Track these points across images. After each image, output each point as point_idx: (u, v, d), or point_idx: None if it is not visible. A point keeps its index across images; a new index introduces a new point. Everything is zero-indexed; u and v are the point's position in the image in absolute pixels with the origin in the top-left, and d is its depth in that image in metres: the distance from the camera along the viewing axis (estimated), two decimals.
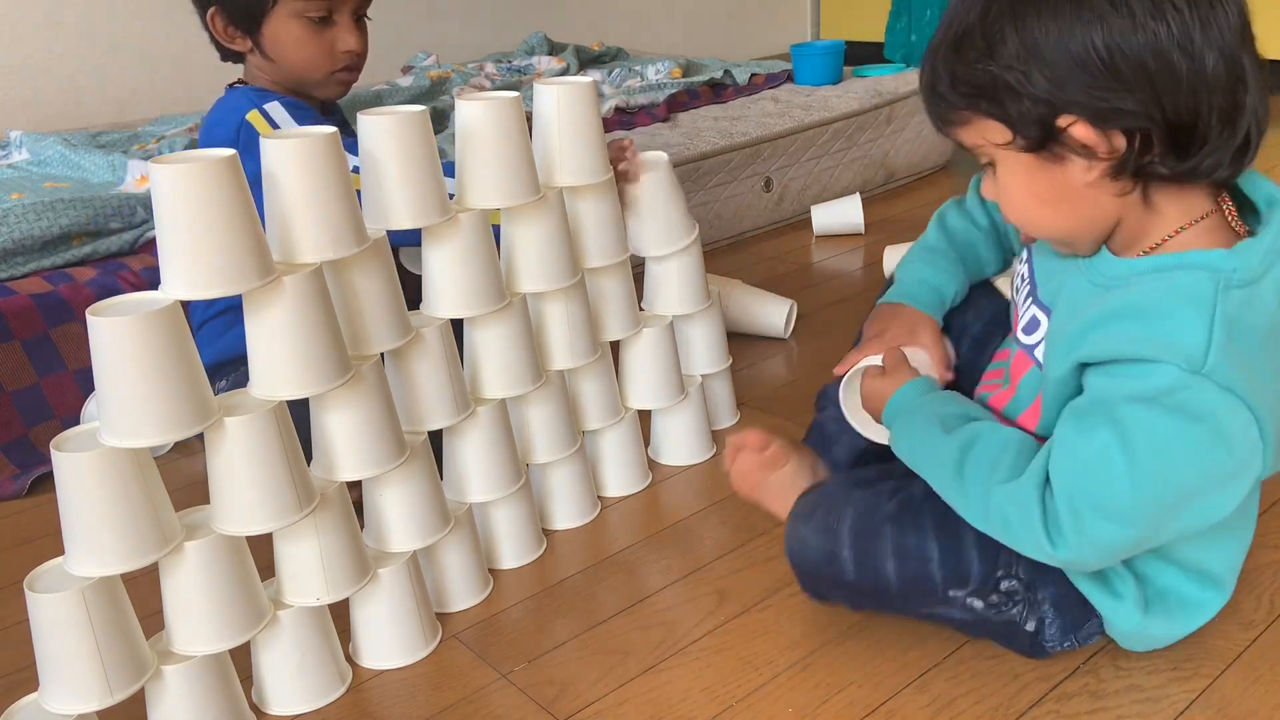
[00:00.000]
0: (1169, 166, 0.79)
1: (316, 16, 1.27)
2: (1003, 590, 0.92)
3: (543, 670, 1.01)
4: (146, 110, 2.77)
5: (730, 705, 0.94)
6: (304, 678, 0.97)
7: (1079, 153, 0.80)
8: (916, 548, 0.92)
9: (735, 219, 2.22)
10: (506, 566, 1.17)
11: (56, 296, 1.51)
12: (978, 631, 0.97)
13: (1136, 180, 0.81)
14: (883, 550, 0.93)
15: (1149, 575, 0.92)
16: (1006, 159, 0.84)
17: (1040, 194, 0.84)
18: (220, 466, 0.89)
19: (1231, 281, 0.78)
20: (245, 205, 0.84)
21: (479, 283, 1.08)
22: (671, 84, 2.53)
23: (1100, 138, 0.79)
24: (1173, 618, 0.93)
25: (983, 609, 0.93)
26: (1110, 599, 0.92)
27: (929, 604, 0.94)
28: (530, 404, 1.19)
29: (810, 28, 4.43)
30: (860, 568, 0.94)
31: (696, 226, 1.35)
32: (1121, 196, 0.82)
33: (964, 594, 0.93)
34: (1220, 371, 0.77)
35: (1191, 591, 0.93)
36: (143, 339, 0.80)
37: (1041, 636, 0.94)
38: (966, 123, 0.85)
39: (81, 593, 0.83)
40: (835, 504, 0.97)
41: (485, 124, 1.06)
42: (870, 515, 0.94)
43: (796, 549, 0.98)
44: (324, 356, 0.91)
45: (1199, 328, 0.77)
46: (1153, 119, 0.77)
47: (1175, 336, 0.77)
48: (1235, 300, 0.78)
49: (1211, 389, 0.77)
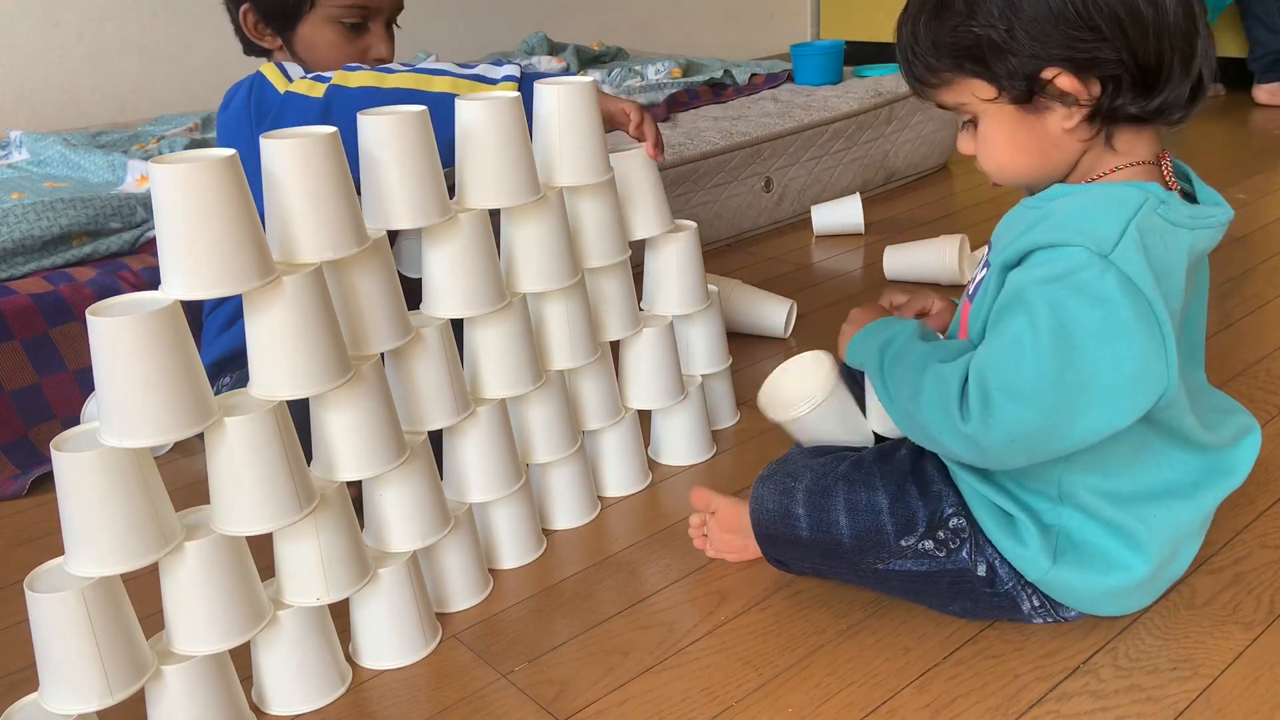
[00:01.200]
0: (1137, 106, 0.86)
1: (351, 22, 1.28)
2: (951, 527, 0.96)
3: (543, 670, 1.01)
4: (146, 110, 2.77)
5: (730, 705, 0.94)
6: (304, 678, 0.97)
7: (1062, 101, 0.86)
8: (867, 502, 0.98)
9: (735, 219, 2.22)
10: (506, 566, 1.17)
11: (56, 296, 1.51)
12: (938, 591, 0.99)
13: (1105, 122, 0.88)
14: (835, 506, 0.99)
15: (1059, 524, 0.94)
16: (990, 113, 0.90)
17: (1021, 143, 0.90)
18: (220, 466, 0.89)
19: (1158, 208, 0.84)
20: (245, 205, 0.84)
21: (479, 283, 1.08)
22: (671, 84, 2.53)
23: (1081, 86, 0.85)
24: (1087, 569, 0.94)
25: (933, 549, 0.96)
26: (1016, 545, 0.94)
27: (883, 556, 0.98)
28: (530, 404, 1.19)
29: (810, 28, 4.43)
30: (814, 524, 1.00)
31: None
32: (1089, 139, 0.89)
33: (915, 539, 0.97)
34: (1127, 260, 0.81)
35: (1107, 544, 0.93)
36: (143, 339, 0.80)
37: (996, 579, 0.96)
38: (949, 84, 0.90)
39: (81, 593, 0.83)
40: (794, 468, 1.04)
41: (485, 124, 1.06)
42: (824, 476, 1.01)
43: (756, 509, 1.04)
44: (324, 356, 0.91)
45: (1116, 221, 0.82)
46: (1124, 64, 0.84)
47: (1090, 225, 0.83)
48: (1153, 222, 0.84)
49: (1115, 274, 0.81)
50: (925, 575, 0.98)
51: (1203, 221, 0.87)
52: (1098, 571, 0.94)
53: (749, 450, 1.38)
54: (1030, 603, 0.97)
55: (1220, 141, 2.83)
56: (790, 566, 1.07)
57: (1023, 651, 0.98)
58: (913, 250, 1.91)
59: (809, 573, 1.07)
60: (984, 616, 1.01)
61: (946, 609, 1.02)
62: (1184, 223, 0.86)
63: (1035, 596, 0.97)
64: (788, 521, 1.01)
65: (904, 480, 0.98)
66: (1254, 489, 1.20)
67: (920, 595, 1.01)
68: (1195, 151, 2.76)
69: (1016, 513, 0.94)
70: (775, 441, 1.38)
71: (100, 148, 2.13)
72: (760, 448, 1.38)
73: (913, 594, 1.02)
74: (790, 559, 1.06)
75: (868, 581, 1.02)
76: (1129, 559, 0.94)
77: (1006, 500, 0.95)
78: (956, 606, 1.00)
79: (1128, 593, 0.96)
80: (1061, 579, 0.94)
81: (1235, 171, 2.53)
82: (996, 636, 1.00)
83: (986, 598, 0.98)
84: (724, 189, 2.17)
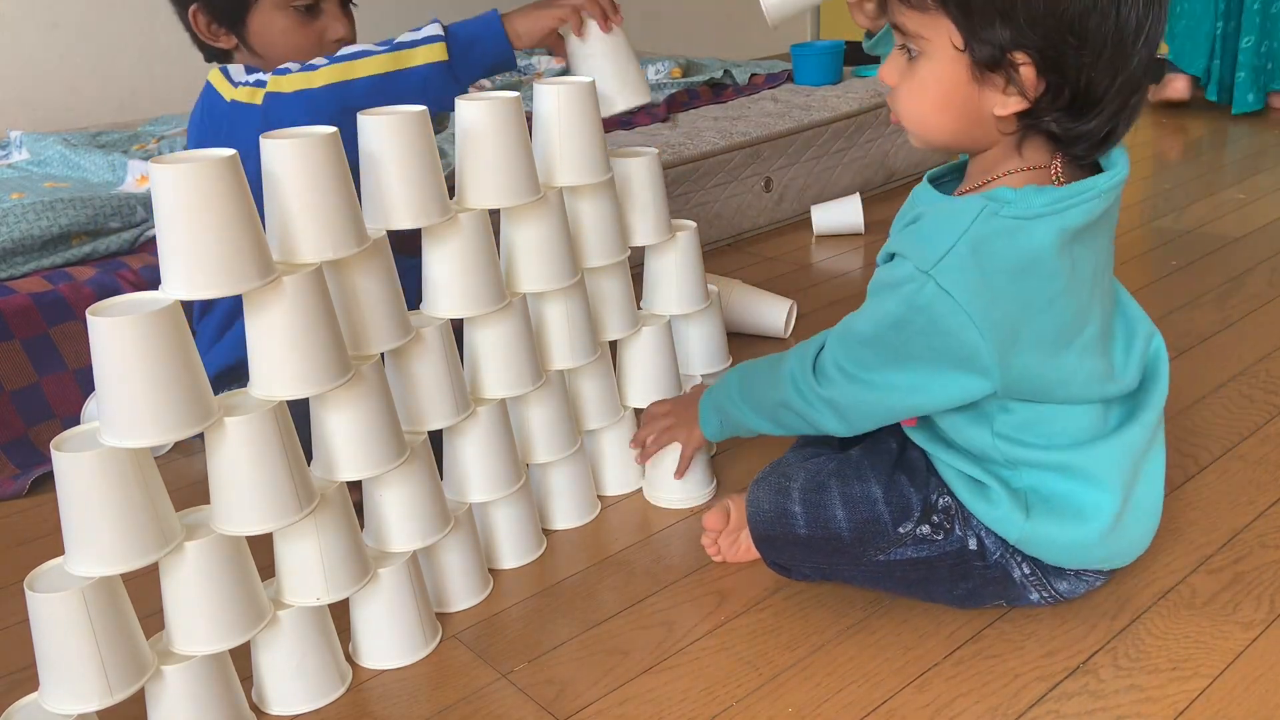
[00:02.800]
0: (1060, 126, 0.87)
1: (303, 5, 1.24)
2: (940, 508, 0.99)
3: (543, 670, 1.01)
4: (146, 110, 2.77)
5: (730, 705, 0.94)
6: (304, 678, 0.97)
7: (1011, 86, 0.86)
8: (862, 493, 1.01)
9: (735, 219, 2.22)
10: (506, 566, 1.17)
11: (56, 296, 1.51)
12: (941, 576, 1.00)
13: (1026, 127, 0.89)
14: (831, 501, 1.01)
15: (1022, 485, 0.97)
16: (941, 59, 0.88)
17: (950, 102, 0.90)
18: (220, 466, 0.89)
19: (999, 211, 0.87)
20: (245, 205, 0.84)
21: (479, 283, 1.09)
22: (671, 84, 2.53)
23: (1036, 82, 0.85)
24: (1060, 517, 0.96)
25: (930, 534, 0.99)
26: (990, 508, 0.97)
27: (882, 546, 1.00)
28: (530, 404, 1.19)
29: (810, 28, 4.43)
30: (811, 521, 1.01)
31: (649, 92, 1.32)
32: (1007, 134, 0.91)
33: (912, 525, 0.99)
34: (946, 275, 0.88)
35: (1069, 489, 0.96)
36: (143, 339, 0.80)
37: (985, 550, 0.99)
38: (924, 10, 0.88)
39: (81, 593, 0.83)
40: (788, 469, 1.06)
41: (485, 124, 1.06)
42: (818, 474, 1.03)
43: (752, 512, 1.06)
44: (324, 356, 0.91)
45: (946, 239, 0.88)
46: (1078, 81, 0.85)
47: (925, 242, 0.90)
48: (994, 226, 0.87)
49: (931, 287, 0.88)
50: (927, 562, 0.99)
51: (1073, 200, 0.88)
52: (1070, 518, 0.96)
53: (748, 451, 1.38)
54: (1020, 570, 0.99)
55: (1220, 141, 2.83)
56: (791, 571, 1.07)
57: (1023, 651, 0.98)
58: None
59: (811, 574, 1.07)
60: (985, 600, 1.02)
61: (951, 596, 1.02)
62: (1041, 212, 0.87)
63: (1025, 564, 0.99)
64: (785, 521, 1.02)
65: (893, 469, 1.02)
66: (1254, 489, 1.21)
67: (924, 585, 1.02)
68: (1195, 152, 2.76)
69: (986, 479, 0.98)
70: (775, 442, 1.38)
71: (100, 148, 2.13)
72: (760, 448, 1.38)
73: (917, 584, 1.02)
74: (790, 560, 1.06)
75: (871, 576, 1.03)
76: (1095, 496, 0.96)
77: (975, 469, 0.98)
78: (960, 590, 1.01)
79: (1109, 533, 0.97)
80: (1039, 533, 0.97)
81: (1236, 171, 2.53)
82: (997, 636, 1.00)
83: (981, 572, 0.99)
84: (724, 189, 2.17)
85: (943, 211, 0.91)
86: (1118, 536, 0.98)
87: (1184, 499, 1.20)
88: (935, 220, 0.91)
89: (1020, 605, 1.02)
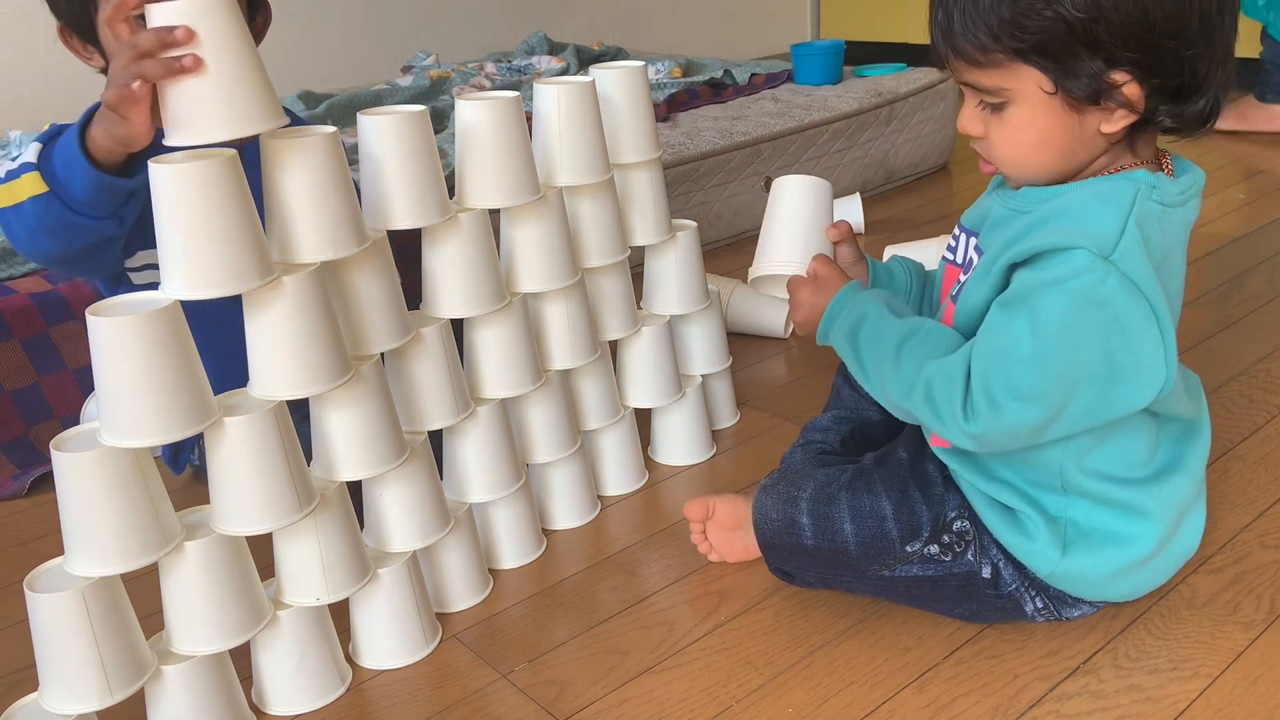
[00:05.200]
0: (1173, 118, 0.83)
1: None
2: (955, 531, 0.96)
3: (543, 670, 1.01)
4: None
5: (730, 705, 0.94)
6: (304, 678, 0.97)
7: (1119, 106, 0.82)
8: (871, 508, 0.98)
9: (735, 219, 2.22)
10: (506, 566, 1.17)
11: (56, 296, 1.51)
12: (945, 595, 0.98)
13: (1140, 127, 0.85)
14: (839, 514, 0.98)
15: (1065, 514, 0.93)
16: (1031, 104, 0.83)
17: (1051, 139, 0.85)
18: (220, 466, 0.89)
19: (1151, 195, 0.83)
20: (245, 205, 0.84)
21: (479, 283, 1.09)
22: (671, 84, 2.53)
23: (1143, 93, 0.81)
24: (1096, 552, 0.93)
25: (939, 554, 0.96)
26: (1024, 540, 0.94)
27: (888, 563, 0.98)
28: (530, 404, 1.19)
29: (810, 28, 4.43)
30: (819, 533, 0.99)
31: None
32: (1115, 142, 0.86)
33: (920, 544, 0.97)
34: (1127, 260, 0.81)
35: (1114, 524, 0.93)
36: (143, 339, 0.80)
37: (1000, 581, 0.96)
38: (998, 65, 0.82)
39: (81, 593, 0.83)
40: (797, 478, 1.03)
41: (485, 124, 1.06)
42: (828, 486, 1.00)
43: (759, 519, 1.03)
44: (324, 356, 0.91)
45: (1115, 220, 0.81)
46: (1181, 73, 0.80)
47: (1091, 226, 0.82)
48: (1152, 210, 0.83)
49: (1116, 276, 0.81)
50: (931, 580, 0.97)
51: (1190, 194, 0.87)
52: (1107, 552, 0.93)
53: (749, 450, 1.38)
54: (1034, 604, 0.97)
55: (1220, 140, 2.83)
56: (795, 578, 1.06)
57: (1023, 651, 0.98)
58: (912, 250, 1.91)
59: (814, 583, 1.06)
60: (987, 619, 1.01)
61: (953, 613, 1.01)
62: (1176, 201, 0.85)
63: (1040, 598, 0.97)
64: (793, 531, 1.01)
65: (906, 485, 0.98)
66: (1254, 489, 1.21)
67: (926, 601, 1.01)
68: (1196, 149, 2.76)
69: (1021, 506, 0.94)
70: (775, 442, 1.38)
71: None
72: (760, 448, 1.38)
73: (918, 600, 1.01)
74: (795, 569, 1.05)
75: (875, 589, 1.02)
76: (1136, 530, 0.93)
77: (1010, 495, 0.94)
78: (962, 610, 1.00)
79: (1137, 568, 0.95)
80: (1073, 568, 0.94)
81: (1235, 171, 2.53)
82: (997, 636, 1.00)
83: (990, 599, 0.97)
84: (724, 189, 2.17)
85: (1089, 196, 0.84)
86: (1148, 571, 0.97)
87: None
88: (1086, 203, 0.83)
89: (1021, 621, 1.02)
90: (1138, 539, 0.94)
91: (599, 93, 1.20)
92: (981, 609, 0.99)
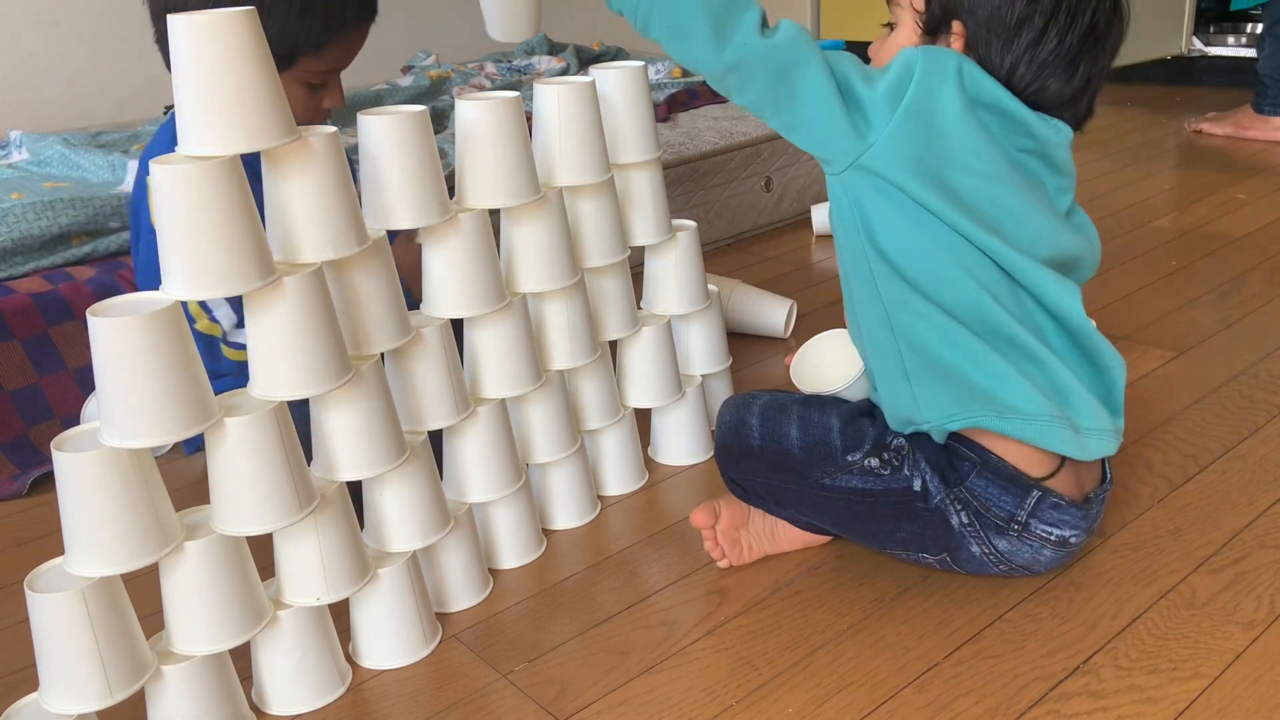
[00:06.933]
0: None
1: (318, 82, 1.26)
2: (892, 447, 1.03)
3: (543, 670, 1.01)
4: (146, 110, 2.77)
5: (730, 705, 0.94)
6: (304, 678, 0.97)
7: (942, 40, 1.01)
8: (820, 421, 1.06)
9: (735, 219, 2.22)
10: (506, 566, 1.17)
11: (56, 296, 1.51)
12: (885, 514, 1.03)
13: None
14: (788, 420, 1.07)
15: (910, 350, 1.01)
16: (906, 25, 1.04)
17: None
18: (220, 466, 0.89)
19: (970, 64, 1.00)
20: (245, 205, 0.84)
21: (479, 283, 1.09)
22: (671, 84, 2.53)
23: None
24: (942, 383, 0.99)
25: (878, 467, 1.03)
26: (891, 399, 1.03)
27: (829, 470, 1.04)
28: (530, 404, 1.19)
29: (810, 28, 4.43)
30: (765, 434, 1.07)
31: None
32: None
33: (860, 455, 1.03)
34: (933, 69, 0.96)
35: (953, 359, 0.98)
36: (143, 339, 0.80)
37: (928, 493, 1.01)
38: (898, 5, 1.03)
39: (81, 593, 0.83)
40: (756, 392, 1.13)
41: (485, 124, 1.06)
42: (783, 399, 1.10)
43: (717, 425, 1.13)
44: (324, 357, 0.91)
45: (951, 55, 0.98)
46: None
47: None
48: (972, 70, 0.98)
49: (921, 62, 0.96)
50: (870, 494, 1.03)
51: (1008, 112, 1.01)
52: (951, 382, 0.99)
53: None
54: (959, 518, 1.00)
55: (1219, 141, 2.83)
56: (745, 486, 1.11)
57: (1023, 651, 0.98)
58: None
59: (764, 496, 1.10)
60: (927, 548, 1.04)
61: (894, 539, 1.05)
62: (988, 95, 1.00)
63: (964, 512, 1.00)
64: (742, 432, 1.08)
65: (856, 411, 1.08)
66: (1254, 489, 1.21)
67: (865, 519, 1.05)
68: (1196, 149, 2.76)
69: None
70: None
71: (100, 148, 2.13)
72: None
73: (858, 518, 1.05)
74: (743, 475, 1.10)
75: (817, 504, 1.06)
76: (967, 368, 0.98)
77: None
78: (903, 532, 1.03)
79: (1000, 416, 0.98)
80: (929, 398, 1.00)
81: (1235, 172, 2.53)
82: (997, 637, 1.00)
83: (922, 514, 1.01)
84: (724, 189, 2.18)
85: None
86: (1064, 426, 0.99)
87: (1184, 499, 1.20)
88: None
89: (968, 567, 1.04)
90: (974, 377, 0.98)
91: (599, 93, 1.20)
92: (918, 529, 1.02)
